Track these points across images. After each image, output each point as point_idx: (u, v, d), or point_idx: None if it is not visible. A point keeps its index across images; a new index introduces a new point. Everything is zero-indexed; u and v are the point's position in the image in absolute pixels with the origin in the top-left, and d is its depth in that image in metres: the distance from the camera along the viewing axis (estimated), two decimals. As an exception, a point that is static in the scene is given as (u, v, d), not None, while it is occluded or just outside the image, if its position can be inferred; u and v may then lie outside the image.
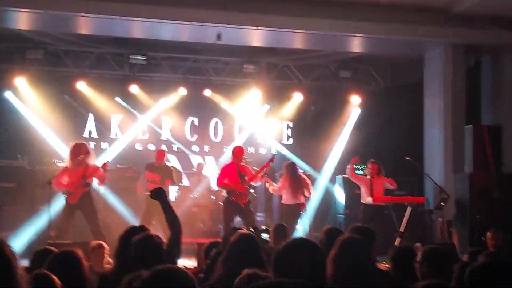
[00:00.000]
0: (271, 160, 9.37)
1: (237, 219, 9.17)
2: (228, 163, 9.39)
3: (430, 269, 3.73)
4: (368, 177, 9.56)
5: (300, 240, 2.93)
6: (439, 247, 4.37)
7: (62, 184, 8.28)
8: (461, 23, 9.93)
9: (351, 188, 10.90)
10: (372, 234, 4.56)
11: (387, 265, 7.30)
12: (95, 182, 8.68)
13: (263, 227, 4.24)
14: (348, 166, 9.83)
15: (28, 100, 11.53)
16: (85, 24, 10.30)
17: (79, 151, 8.40)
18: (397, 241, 8.44)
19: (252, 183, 9.15)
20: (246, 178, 9.04)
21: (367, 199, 9.43)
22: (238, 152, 9.26)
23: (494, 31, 10.03)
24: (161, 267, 2.18)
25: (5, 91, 11.41)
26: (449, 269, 3.69)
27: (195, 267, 7.12)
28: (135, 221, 9.43)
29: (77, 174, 8.32)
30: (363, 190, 9.56)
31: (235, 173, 9.06)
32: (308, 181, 9.86)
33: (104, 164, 8.49)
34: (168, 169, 9.90)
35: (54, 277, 3.03)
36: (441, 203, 9.02)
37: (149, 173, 9.52)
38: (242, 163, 9.25)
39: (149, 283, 2.10)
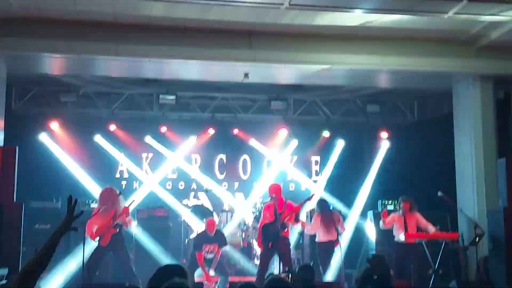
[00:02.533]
0: (309, 198, 9.05)
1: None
2: (268, 202, 9.06)
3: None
4: (400, 213, 9.44)
5: None
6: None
7: (91, 230, 8.43)
8: (488, 54, 9.87)
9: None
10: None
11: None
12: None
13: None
14: (381, 221, 9.67)
15: (62, 142, 11.80)
16: (116, 67, 10.53)
17: (109, 195, 8.68)
18: (431, 280, 8.28)
19: (290, 223, 8.84)
20: (282, 215, 8.82)
21: (400, 236, 9.28)
22: (272, 189, 9.03)
23: (522, 62, 9.95)
24: None
25: (40, 134, 11.69)
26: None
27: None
28: (166, 260, 9.47)
29: (108, 216, 8.52)
30: (396, 227, 9.43)
31: (271, 211, 8.91)
32: (340, 217, 9.78)
33: (125, 208, 8.63)
34: (221, 234, 9.83)
35: None
36: (476, 239, 8.83)
37: (207, 245, 9.37)
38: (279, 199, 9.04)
39: None
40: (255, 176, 12.64)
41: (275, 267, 8.83)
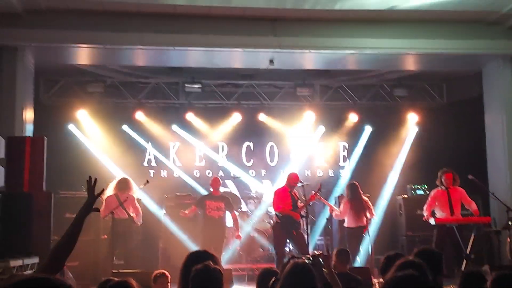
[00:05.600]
0: (319, 189, 9.12)
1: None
2: (281, 187, 9.35)
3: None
4: (443, 188, 8.98)
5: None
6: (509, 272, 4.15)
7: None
8: (517, 34, 9.66)
9: (412, 209, 10.68)
10: (438, 257, 4.26)
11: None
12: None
13: (316, 252, 4.07)
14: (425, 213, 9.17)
15: (90, 132, 11.94)
16: (141, 56, 10.60)
17: (126, 185, 9.20)
18: (463, 264, 8.16)
19: (301, 213, 9.02)
20: (298, 204, 9.00)
21: (439, 216, 8.82)
22: (293, 179, 9.20)
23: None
24: None
25: (68, 124, 11.84)
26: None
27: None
28: (194, 247, 9.52)
29: (116, 203, 8.92)
30: (439, 205, 8.92)
31: (289, 199, 9.02)
32: (369, 203, 9.70)
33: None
34: (227, 198, 9.96)
35: None
36: (509, 223, 8.66)
37: (211, 202, 9.58)
38: (294, 190, 9.21)
39: None
40: (282, 163, 12.59)
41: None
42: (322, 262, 3.91)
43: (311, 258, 3.81)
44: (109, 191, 9.28)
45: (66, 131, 11.82)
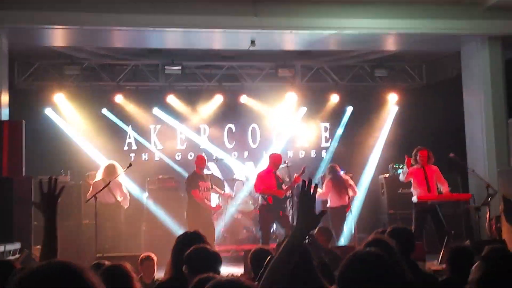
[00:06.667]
0: (302, 172, 9.01)
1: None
2: (264, 169, 9.34)
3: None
4: (418, 166, 8.86)
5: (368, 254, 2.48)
6: (501, 247, 4.20)
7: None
8: (496, 15, 9.74)
9: (394, 188, 10.77)
10: (408, 234, 4.29)
11: (439, 266, 7.20)
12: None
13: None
14: (401, 172, 9.08)
15: (68, 115, 11.73)
16: (120, 38, 10.44)
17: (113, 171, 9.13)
18: (445, 241, 8.27)
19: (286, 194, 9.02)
20: (283, 186, 9.01)
21: (417, 194, 8.75)
22: (276, 159, 9.19)
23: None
24: (225, 280, 2.11)
25: (45, 108, 11.63)
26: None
27: (241, 275, 7.11)
28: (179, 230, 9.49)
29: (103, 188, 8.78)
30: (415, 182, 8.83)
31: (273, 180, 9.01)
32: (351, 182, 9.76)
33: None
34: (208, 176, 9.93)
35: None
36: (488, 199, 8.79)
37: (203, 183, 9.36)
38: (278, 171, 9.21)
39: None
40: (265, 145, 12.57)
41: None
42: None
43: (309, 238, 3.78)
44: (97, 176, 9.21)
45: (43, 115, 11.61)
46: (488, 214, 8.90)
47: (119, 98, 11.87)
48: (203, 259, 3.35)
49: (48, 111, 11.66)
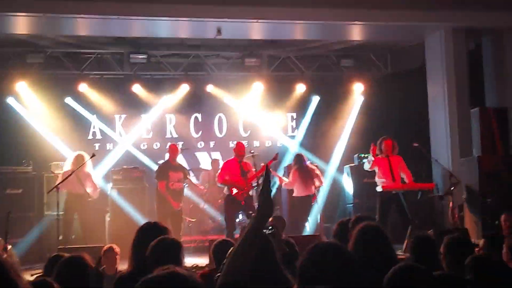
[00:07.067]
0: (274, 158, 9.07)
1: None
2: (230, 159, 9.33)
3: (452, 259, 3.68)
4: (383, 155, 8.91)
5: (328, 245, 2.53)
6: (460, 236, 4.29)
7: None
8: (460, 6, 9.86)
9: (359, 177, 10.88)
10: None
11: (403, 255, 7.30)
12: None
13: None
14: (366, 161, 9.15)
15: (31, 105, 11.48)
16: (83, 26, 10.23)
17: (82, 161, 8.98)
18: (409, 230, 8.39)
19: (253, 183, 8.99)
20: (248, 175, 8.99)
21: (382, 183, 8.82)
22: (238, 148, 9.19)
23: (493, 13, 9.94)
24: (168, 271, 2.03)
25: (7, 97, 11.36)
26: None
27: (206, 265, 7.11)
28: (143, 221, 9.40)
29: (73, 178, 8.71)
30: (380, 171, 8.89)
31: (237, 169, 9.00)
32: (318, 171, 9.81)
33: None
34: (184, 167, 9.83)
35: (54, 284, 2.95)
36: (451, 188, 8.95)
37: (173, 173, 9.21)
38: (244, 160, 9.19)
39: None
40: (231, 134, 12.54)
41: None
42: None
43: (271, 228, 3.76)
44: (66, 166, 9.05)
45: (5, 104, 11.34)
46: (451, 203, 9.06)
47: (83, 87, 11.66)
48: (164, 250, 3.33)
49: (10, 100, 11.39)
